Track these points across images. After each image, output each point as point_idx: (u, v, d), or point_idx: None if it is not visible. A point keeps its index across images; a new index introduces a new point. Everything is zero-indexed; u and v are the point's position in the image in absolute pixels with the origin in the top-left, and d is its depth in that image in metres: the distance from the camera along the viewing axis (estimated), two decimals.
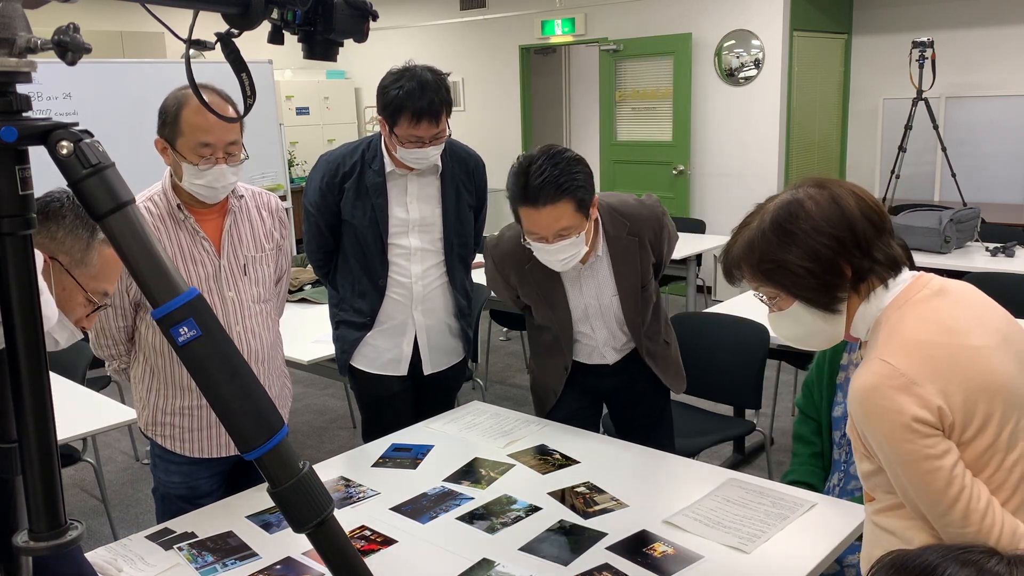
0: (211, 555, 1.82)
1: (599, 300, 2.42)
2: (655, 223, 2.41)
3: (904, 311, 1.38)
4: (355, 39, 1.03)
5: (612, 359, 2.52)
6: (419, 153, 2.43)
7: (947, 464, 1.29)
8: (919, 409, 1.28)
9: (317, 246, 2.63)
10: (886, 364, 1.32)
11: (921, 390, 1.29)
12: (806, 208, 1.40)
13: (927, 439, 1.29)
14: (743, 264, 1.46)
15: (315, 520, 0.94)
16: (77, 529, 0.89)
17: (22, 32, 0.81)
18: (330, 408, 5.07)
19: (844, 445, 2.32)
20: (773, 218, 1.42)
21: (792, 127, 6.64)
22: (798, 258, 1.39)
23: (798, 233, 1.39)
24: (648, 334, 2.50)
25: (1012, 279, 3.92)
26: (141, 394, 2.23)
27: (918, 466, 1.30)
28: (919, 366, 1.31)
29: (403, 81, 2.36)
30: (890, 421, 1.30)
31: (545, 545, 1.83)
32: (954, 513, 1.29)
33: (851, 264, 1.39)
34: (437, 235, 2.59)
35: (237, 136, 2.08)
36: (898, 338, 1.35)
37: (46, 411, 0.86)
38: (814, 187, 1.43)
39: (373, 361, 2.67)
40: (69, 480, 4.06)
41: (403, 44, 8.53)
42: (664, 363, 2.56)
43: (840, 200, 1.40)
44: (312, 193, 2.57)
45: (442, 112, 2.39)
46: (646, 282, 2.43)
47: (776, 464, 3.86)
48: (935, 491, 1.30)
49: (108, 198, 0.87)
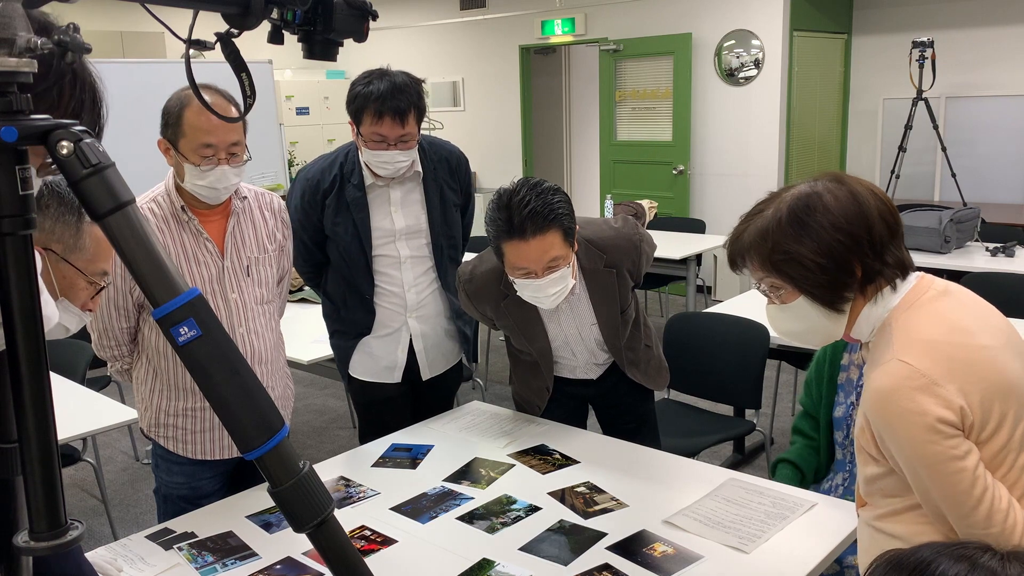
0: (211, 555, 1.82)
1: (579, 330, 2.40)
2: (632, 252, 2.33)
3: (914, 312, 1.36)
4: (355, 39, 1.03)
5: (595, 374, 2.51)
6: (384, 156, 2.37)
7: (971, 465, 1.27)
8: (942, 410, 1.26)
9: (304, 260, 2.62)
10: (905, 365, 1.29)
11: (942, 390, 1.27)
12: (825, 202, 1.37)
13: (951, 440, 1.27)
14: (753, 252, 1.43)
15: (315, 520, 0.93)
16: (77, 529, 0.89)
17: (22, 32, 0.81)
18: (330, 408, 5.07)
19: (848, 445, 2.32)
20: (790, 209, 1.39)
21: (792, 127, 6.64)
22: (811, 252, 1.36)
23: (815, 227, 1.36)
24: (629, 345, 2.46)
25: (1012, 279, 3.92)
26: (144, 395, 2.22)
27: (943, 468, 1.27)
28: (938, 366, 1.28)
29: (372, 79, 2.35)
30: (913, 423, 1.27)
31: (545, 545, 1.83)
32: (978, 514, 1.28)
33: (862, 264, 1.37)
34: (424, 241, 2.56)
35: (239, 137, 2.08)
36: (913, 338, 1.33)
37: (46, 411, 0.86)
38: (833, 182, 1.40)
39: (369, 369, 2.66)
40: (69, 480, 4.06)
41: (403, 44, 8.53)
42: (646, 367, 2.52)
43: (859, 198, 1.37)
44: (294, 211, 2.53)
45: (409, 112, 2.34)
46: (625, 307, 2.39)
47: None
48: (960, 492, 1.27)
49: (108, 198, 0.87)
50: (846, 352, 2.37)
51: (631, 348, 2.48)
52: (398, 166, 2.42)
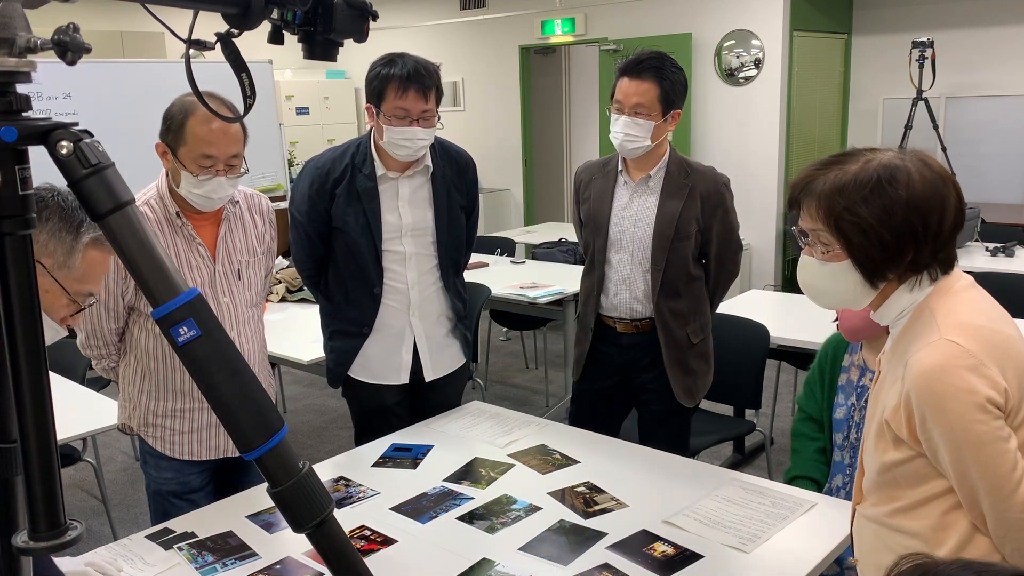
0: (211, 555, 1.82)
1: (635, 226, 2.61)
2: (713, 186, 2.61)
3: (952, 298, 1.37)
4: (355, 39, 1.03)
5: (628, 315, 2.67)
6: (406, 132, 2.37)
7: (1013, 447, 1.29)
8: (990, 390, 1.28)
9: (307, 255, 2.58)
10: (955, 345, 1.30)
11: (990, 371, 1.29)
12: (912, 179, 1.34)
13: (997, 420, 1.28)
14: (823, 201, 1.38)
15: (315, 520, 0.93)
16: (77, 529, 0.89)
17: (22, 32, 0.81)
18: (330, 408, 5.07)
19: (846, 447, 2.32)
20: (877, 174, 1.35)
21: (792, 127, 6.63)
22: (879, 223, 1.34)
23: (895, 199, 1.33)
24: (667, 294, 2.61)
25: (1012, 279, 3.92)
26: (132, 394, 2.23)
27: (988, 448, 1.28)
28: (982, 349, 1.30)
29: (394, 59, 2.38)
30: (964, 401, 1.28)
31: (545, 545, 1.83)
32: (1017, 496, 1.28)
33: (916, 251, 1.35)
34: (430, 239, 2.55)
35: (239, 149, 2.08)
36: (959, 320, 1.33)
37: (46, 411, 0.86)
38: (922, 163, 1.37)
39: (371, 370, 2.60)
40: (69, 480, 4.06)
41: (403, 44, 8.48)
42: (677, 352, 2.64)
43: (943, 186, 1.35)
44: (301, 201, 2.52)
45: (431, 91, 2.38)
46: (684, 234, 2.57)
47: (776, 464, 3.86)
48: (1002, 474, 1.28)
49: (108, 198, 0.87)
50: (847, 353, 2.37)
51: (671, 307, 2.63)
52: (418, 144, 2.41)
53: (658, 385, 2.68)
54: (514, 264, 5.18)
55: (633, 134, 2.52)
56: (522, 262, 5.30)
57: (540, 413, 3.64)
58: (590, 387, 2.80)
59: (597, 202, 2.69)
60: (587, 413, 2.79)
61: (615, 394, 2.79)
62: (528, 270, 4.98)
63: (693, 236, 2.59)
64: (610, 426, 2.72)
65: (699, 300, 2.68)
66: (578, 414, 2.83)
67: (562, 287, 4.36)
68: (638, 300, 2.64)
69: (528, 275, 4.76)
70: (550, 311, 4.52)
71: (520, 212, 8.18)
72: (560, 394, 5.01)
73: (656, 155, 2.60)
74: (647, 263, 2.60)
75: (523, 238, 6.16)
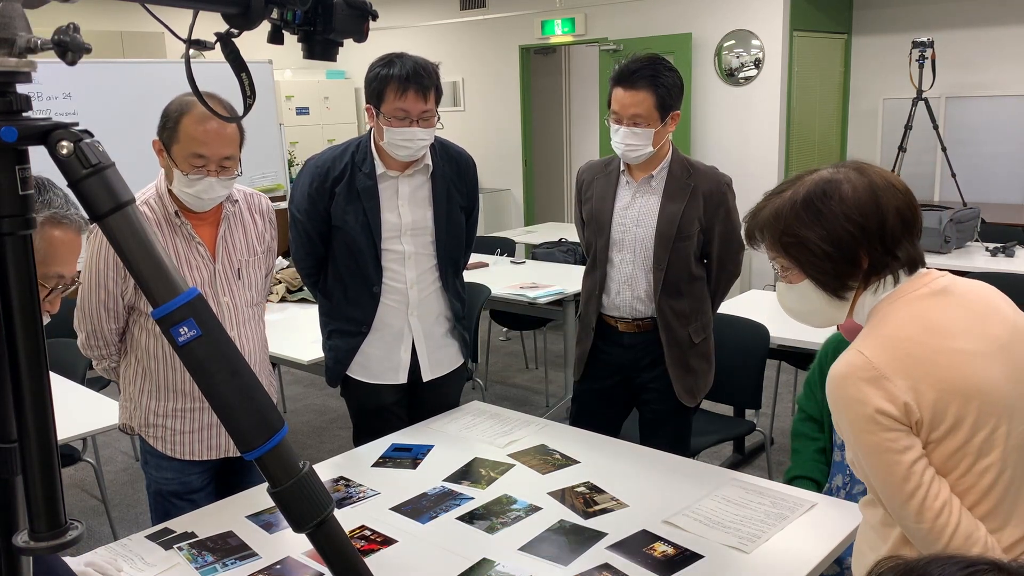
0: (211, 555, 1.82)
1: (637, 226, 2.62)
2: (716, 186, 2.61)
3: (894, 306, 1.39)
4: (355, 39, 1.03)
5: (630, 314, 2.67)
6: (406, 133, 2.37)
7: (907, 460, 1.31)
8: (884, 402, 1.30)
9: (306, 253, 2.58)
10: (860, 355, 1.34)
11: (890, 384, 1.30)
12: (842, 191, 1.38)
13: (889, 432, 1.31)
14: (766, 231, 1.45)
15: (315, 520, 0.93)
16: (77, 529, 0.89)
17: (22, 32, 0.81)
18: (330, 408, 5.07)
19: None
20: (806, 193, 1.40)
21: (792, 127, 6.63)
22: (819, 239, 1.38)
23: (826, 214, 1.37)
24: (669, 294, 2.61)
25: (1012, 279, 3.92)
26: (132, 394, 2.23)
27: (880, 458, 1.32)
28: (892, 361, 1.32)
29: (393, 59, 2.37)
30: (855, 411, 1.32)
31: (545, 545, 1.83)
32: (909, 508, 1.31)
33: (870, 256, 1.38)
34: (429, 239, 2.55)
35: (234, 151, 2.08)
36: (880, 331, 1.37)
37: (46, 411, 0.86)
38: (856, 172, 1.40)
39: (370, 370, 2.60)
40: (69, 480, 4.06)
41: (403, 44, 8.48)
42: (679, 351, 2.65)
43: (878, 190, 1.38)
44: (300, 199, 2.52)
45: (431, 91, 2.38)
46: (686, 234, 2.58)
47: (776, 464, 3.86)
48: (892, 484, 1.32)
49: (108, 198, 0.87)
50: None
51: (672, 306, 2.63)
52: (418, 144, 2.41)
53: (659, 385, 2.69)
54: (514, 264, 5.18)
55: (634, 143, 2.53)
56: (522, 262, 5.30)
57: (540, 413, 3.64)
58: (591, 387, 2.81)
59: (599, 202, 2.69)
60: (588, 412, 2.79)
61: (616, 394, 2.79)
62: (528, 270, 4.98)
63: (695, 236, 2.60)
64: (611, 426, 2.73)
65: (701, 300, 2.68)
66: (579, 413, 2.83)
67: (562, 287, 4.36)
68: (640, 300, 2.65)
69: (528, 275, 4.76)
70: (550, 311, 4.52)
71: (520, 212, 8.18)
72: (560, 394, 5.01)
73: (658, 156, 2.61)
74: (649, 263, 2.61)
75: (523, 238, 6.16)
